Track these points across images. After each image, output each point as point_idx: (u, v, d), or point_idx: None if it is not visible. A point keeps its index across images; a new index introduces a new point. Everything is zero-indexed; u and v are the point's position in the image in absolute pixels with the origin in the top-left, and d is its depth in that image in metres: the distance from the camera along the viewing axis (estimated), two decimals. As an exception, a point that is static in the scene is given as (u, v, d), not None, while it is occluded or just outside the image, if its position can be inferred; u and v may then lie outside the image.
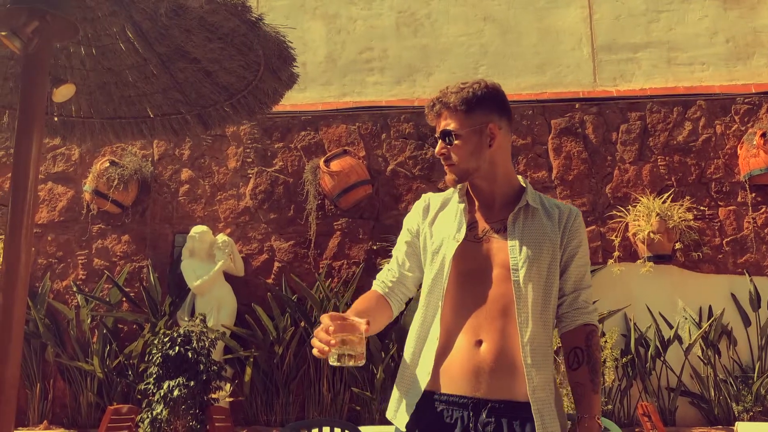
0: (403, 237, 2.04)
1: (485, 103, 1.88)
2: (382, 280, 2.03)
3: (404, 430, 1.82)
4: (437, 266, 1.89)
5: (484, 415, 1.73)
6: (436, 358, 1.81)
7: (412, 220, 2.03)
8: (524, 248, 1.83)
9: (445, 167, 1.92)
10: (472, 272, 1.85)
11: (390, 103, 6.41)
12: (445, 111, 1.89)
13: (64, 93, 3.32)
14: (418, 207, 2.04)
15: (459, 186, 1.96)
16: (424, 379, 1.81)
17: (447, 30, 6.59)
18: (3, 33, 2.85)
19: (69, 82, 3.38)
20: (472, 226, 1.91)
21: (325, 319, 1.68)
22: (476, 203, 1.95)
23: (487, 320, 1.80)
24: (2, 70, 3.60)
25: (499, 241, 1.86)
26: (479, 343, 1.78)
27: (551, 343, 1.85)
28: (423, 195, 2.08)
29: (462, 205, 1.95)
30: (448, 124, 1.88)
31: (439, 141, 1.90)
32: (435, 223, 1.97)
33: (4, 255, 2.79)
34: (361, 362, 1.65)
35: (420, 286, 2.00)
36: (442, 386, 1.79)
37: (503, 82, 6.93)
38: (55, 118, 3.84)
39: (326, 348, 1.60)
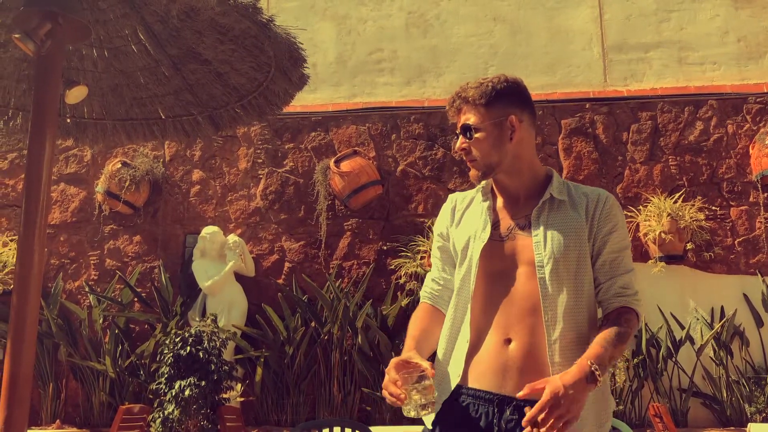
0: (435, 243, 2.04)
1: (505, 96, 1.86)
2: (429, 290, 2.02)
3: (430, 427, 1.82)
4: (465, 267, 1.88)
5: (508, 413, 1.72)
6: (466, 357, 1.81)
7: (440, 224, 2.02)
8: (549, 243, 1.79)
9: (468, 163, 1.90)
10: (499, 271, 1.84)
11: (400, 103, 6.42)
12: (464, 106, 1.88)
13: (76, 95, 3.33)
14: (445, 210, 2.03)
15: (483, 183, 1.95)
16: (455, 379, 1.82)
17: (457, 30, 6.59)
18: (16, 35, 2.87)
19: (81, 83, 3.40)
20: (497, 224, 1.89)
21: (391, 372, 1.69)
22: (501, 199, 1.93)
23: (516, 318, 1.78)
24: (15, 73, 3.63)
25: (525, 238, 1.84)
26: (508, 341, 1.77)
27: (588, 340, 1.76)
28: (450, 196, 2.06)
29: (486, 203, 1.93)
30: (468, 118, 1.86)
31: (460, 137, 1.88)
32: (461, 223, 1.96)
33: (17, 256, 2.81)
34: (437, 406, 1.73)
35: None
36: (470, 381, 1.79)
37: (513, 82, 6.86)
38: (68, 120, 3.87)
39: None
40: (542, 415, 1.55)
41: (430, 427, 1.83)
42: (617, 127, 6.15)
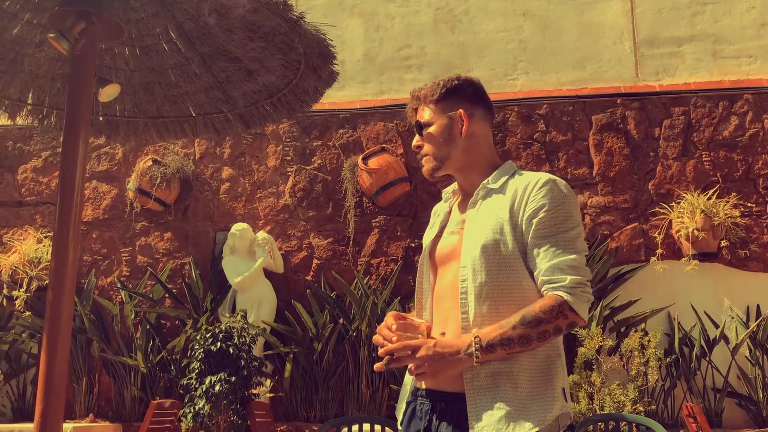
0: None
1: (455, 92, 1.89)
2: None
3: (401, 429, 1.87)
4: (421, 267, 1.95)
5: (437, 408, 1.73)
6: None
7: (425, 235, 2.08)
8: (470, 235, 1.77)
9: (421, 160, 1.94)
10: (444, 268, 1.85)
11: (428, 100, 6.38)
12: (419, 105, 1.93)
13: (109, 93, 3.38)
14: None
15: (452, 187, 2.00)
16: (412, 382, 1.85)
17: (485, 26, 6.54)
18: (51, 35, 2.92)
19: (114, 82, 3.44)
20: (450, 221, 1.93)
21: (389, 317, 1.75)
22: (459, 198, 1.97)
23: (448, 312, 1.78)
24: (50, 72, 3.69)
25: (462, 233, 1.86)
26: (443, 335, 1.77)
27: None
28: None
29: (446, 203, 2.00)
30: (422, 116, 1.91)
31: (416, 135, 1.93)
32: (431, 227, 2.01)
33: (53, 252, 2.85)
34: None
35: None
36: (420, 382, 1.81)
37: (543, 78, 6.86)
38: (100, 118, 3.92)
39: (388, 345, 1.67)
40: (400, 353, 1.65)
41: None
42: (649, 122, 6.05)
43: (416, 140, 1.94)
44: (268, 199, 6.37)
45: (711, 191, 5.67)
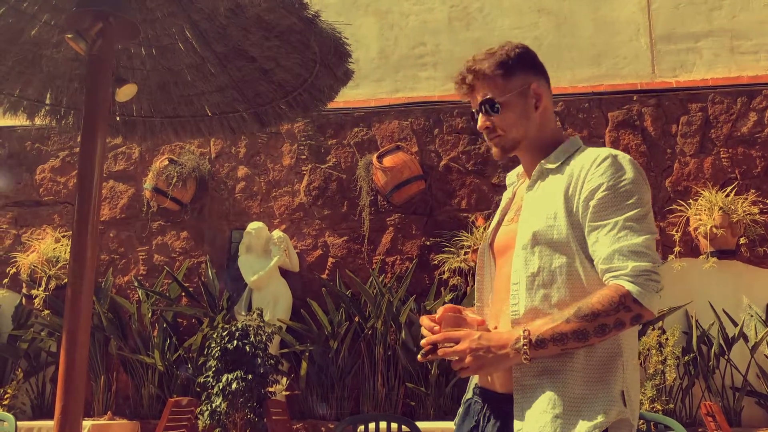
0: None
1: (522, 63, 1.72)
2: None
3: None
4: (481, 259, 1.79)
5: (486, 406, 1.64)
6: None
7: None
8: (524, 222, 1.62)
9: (490, 141, 1.73)
10: (502, 259, 1.70)
11: (443, 98, 6.37)
12: (479, 82, 1.71)
13: (126, 93, 3.40)
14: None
15: (513, 172, 1.85)
16: (475, 377, 1.75)
17: (500, 23, 6.51)
18: (69, 35, 2.94)
19: (131, 82, 3.46)
20: (512, 208, 1.77)
21: (439, 310, 1.62)
22: (525, 180, 1.78)
23: (504, 303, 1.63)
24: (68, 72, 3.72)
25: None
26: (495, 329, 1.63)
27: None
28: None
29: (510, 189, 1.84)
30: (487, 93, 1.69)
31: (480, 115, 1.71)
32: (497, 211, 1.85)
33: (71, 251, 2.88)
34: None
35: None
36: (479, 378, 1.72)
37: (558, 74, 6.81)
38: (117, 118, 3.95)
39: (430, 336, 1.55)
40: (444, 346, 1.51)
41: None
42: (666, 119, 6.00)
43: (483, 120, 1.71)
44: (283, 198, 6.39)
45: (729, 188, 5.61)
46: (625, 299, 1.45)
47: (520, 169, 1.83)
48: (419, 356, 1.56)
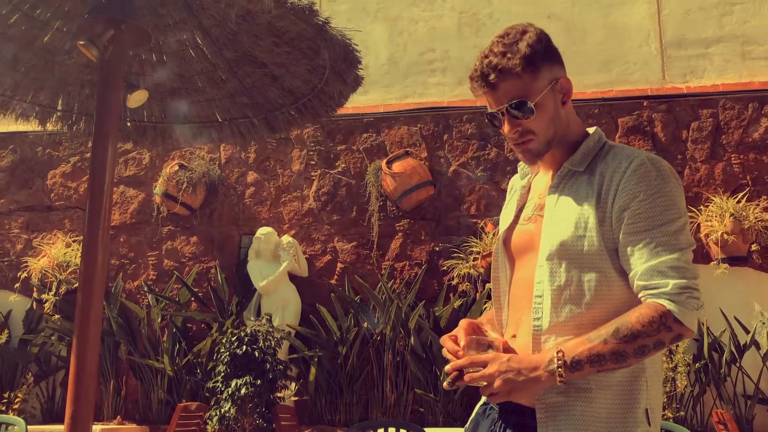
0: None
1: (546, 55, 1.54)
2: None
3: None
4: (496, 258, 1.68)
5: (501, 418, 1.55)
6: None
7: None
8: (549, 227, 1.51)
9: (521, 146, 1.55)
10: (522, 259, 1.59)
11: (452, 103, 6.38)
12: (504, 81, 1.50)
13: (138, 99, 3.42)
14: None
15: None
16: None
17: (510, 29, 6.50)
18: (81, 42, 2.96)
19: (142, 88, 3.49)
20: (528, 204, 1.65)
21: (459, 331, 1.54)
22: (540, 173, 1.67)
23: (524, 313, 1.53)
24: (79, 78, 3.75)
25: (542, 220, 1.57)
26: (514, 338, 1.55)
27: None
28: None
29: (524, 180, 1.70)
30: (514, 93, 1.50)
31: (505, 119, 1.52)
32: (507, 205, 1.74)
33: (82, 255, 2.89)
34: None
35: None
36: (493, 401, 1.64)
37: (568, 80, 6.73)
38: (128, 123, 3.98)
39: (455, 361, 1.46)
40: (471, 371, 1.42)
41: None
42: (676, 125, 5.98)
43: (512, 126, 1.52)
44: (292, 203, 6.40)
45: (740, 194, 5.58)
46: (665, 319, 1.38)
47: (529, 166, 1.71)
48: (445, 384, 1.48)
